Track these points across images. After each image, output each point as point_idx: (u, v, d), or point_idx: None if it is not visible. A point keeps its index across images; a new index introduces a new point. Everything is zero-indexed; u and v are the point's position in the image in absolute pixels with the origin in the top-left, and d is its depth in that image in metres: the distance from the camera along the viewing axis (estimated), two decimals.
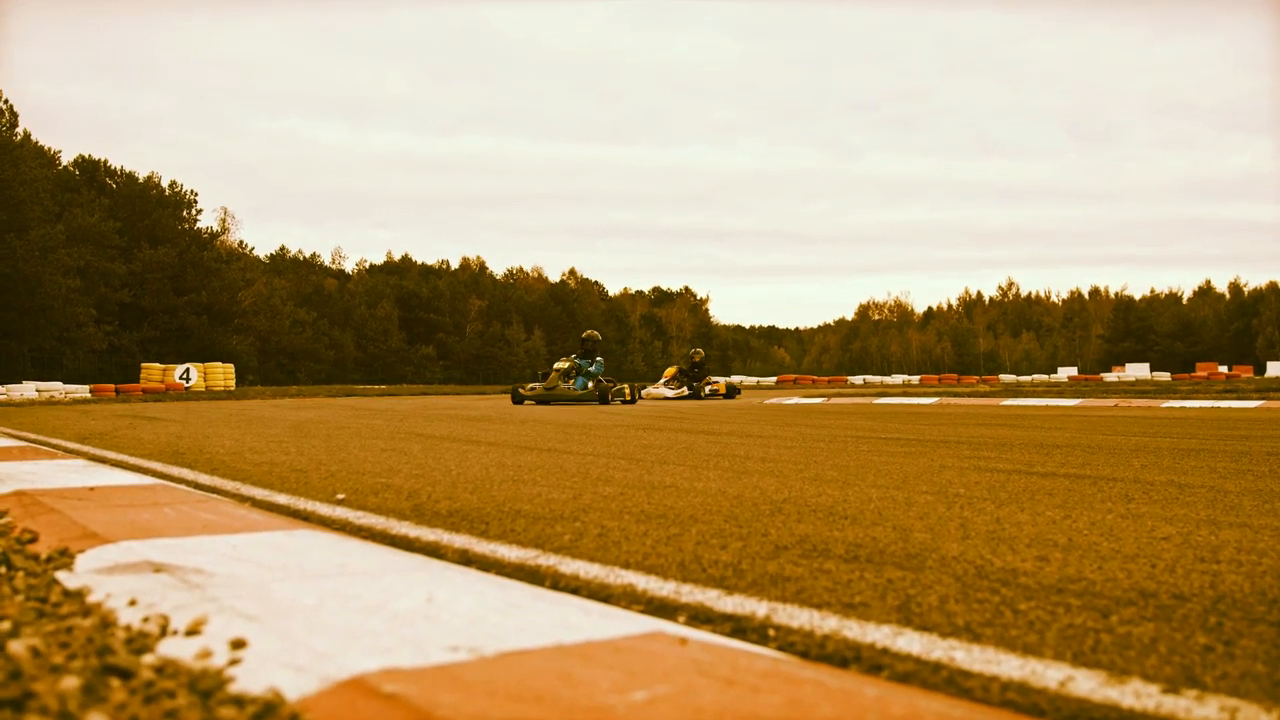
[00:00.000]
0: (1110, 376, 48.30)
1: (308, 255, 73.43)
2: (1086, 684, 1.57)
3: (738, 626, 1.93)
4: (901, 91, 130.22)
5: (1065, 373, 53.94)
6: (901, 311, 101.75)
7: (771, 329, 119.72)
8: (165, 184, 49.80)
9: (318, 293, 64.93)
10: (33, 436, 8.29)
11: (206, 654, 1.53)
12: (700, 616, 2.00)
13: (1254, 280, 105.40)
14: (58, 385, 28.38)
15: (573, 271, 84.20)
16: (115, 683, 1.40)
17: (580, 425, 9.68)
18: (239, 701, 1.33)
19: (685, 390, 22.02)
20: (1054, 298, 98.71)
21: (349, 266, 75.94)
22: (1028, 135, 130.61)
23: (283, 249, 72.22)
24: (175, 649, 1.57)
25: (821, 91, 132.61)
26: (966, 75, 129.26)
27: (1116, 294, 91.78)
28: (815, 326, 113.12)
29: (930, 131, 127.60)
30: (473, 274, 77.45)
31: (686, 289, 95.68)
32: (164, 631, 1.67)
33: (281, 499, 3.92)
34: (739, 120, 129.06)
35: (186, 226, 49.86)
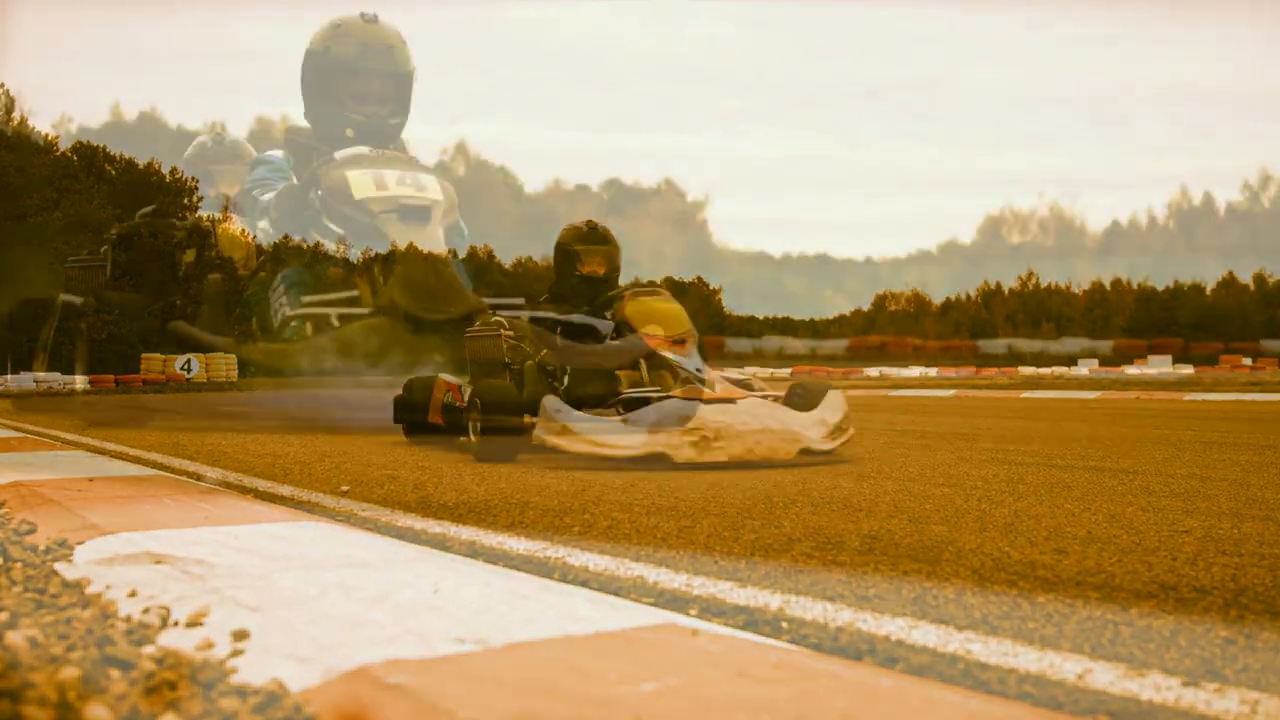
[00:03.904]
0: (1132, 369, 47.85)
1: (311, 244, 73.62)
2: (1105, 676, 1.53)
3: (750, 619, 1.89)
4: (916, 81, 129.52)
5: (1086, 365, 53.53)
6: (919, 303, 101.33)
7: (787, 320, 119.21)
8: (165, 171, 49.85)
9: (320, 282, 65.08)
10: (31, 428, 8.29)
11: (208, 645, 1.51)
12: (712, 609, 1.97)
13: (1279, 272, 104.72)
14: (56, 376, 28.33)
15: None
16: (115, 674, 1.37)
17: None
18: (241, 692, 1.30)
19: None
20: (1074, 289, 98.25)
21: (353, 255, 76.10)
22: (1047, 125, 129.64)
23: (285, 237, 72.40)
24: (176, 640, 1.55)
25: (834, 80, 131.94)
26: (982, 64, 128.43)
27: (1139, 285, 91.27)
28: (831, 318, 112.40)
29: (947, 120, 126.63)
30: (480, 263, 77.60)
31: (699, 279, 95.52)
32: (165, 623, 1.65)
33: (284, 490, 3.89)
34: (749, 108, 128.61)
35: (187, 215, 49.94)
